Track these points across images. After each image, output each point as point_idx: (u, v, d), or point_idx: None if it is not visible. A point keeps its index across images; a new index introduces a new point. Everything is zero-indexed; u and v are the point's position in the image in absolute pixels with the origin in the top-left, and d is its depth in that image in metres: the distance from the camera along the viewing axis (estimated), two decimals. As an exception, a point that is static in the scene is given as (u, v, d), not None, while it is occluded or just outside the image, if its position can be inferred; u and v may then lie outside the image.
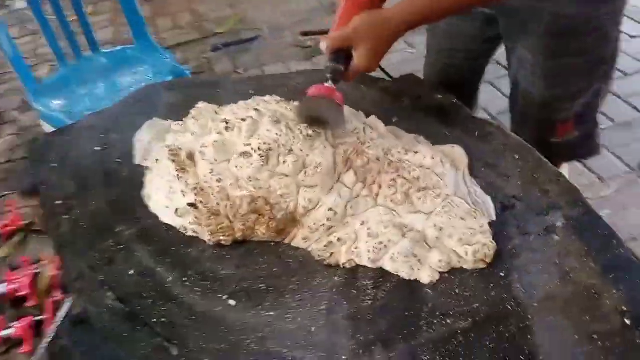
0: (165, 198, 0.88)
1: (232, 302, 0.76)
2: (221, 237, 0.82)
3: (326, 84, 0.89)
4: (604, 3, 1.05)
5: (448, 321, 0.71)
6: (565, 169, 1.36)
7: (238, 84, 1.20)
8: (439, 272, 0.76)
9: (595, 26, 1.08)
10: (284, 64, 2.79)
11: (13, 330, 1.46)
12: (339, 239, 0.79)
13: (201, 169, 0.85)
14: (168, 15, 3.49)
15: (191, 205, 0.83)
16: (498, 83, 2.26)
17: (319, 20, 3.18)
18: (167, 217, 0.88)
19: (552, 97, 1.18)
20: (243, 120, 0.86)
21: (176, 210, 0.85)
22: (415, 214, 0.81)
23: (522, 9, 1.07)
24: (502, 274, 0.76)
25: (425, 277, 0.75)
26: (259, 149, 0.83)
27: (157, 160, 0.92)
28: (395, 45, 0.92)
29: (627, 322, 0.68)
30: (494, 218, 0.83)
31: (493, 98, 2.18)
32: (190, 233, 0.85)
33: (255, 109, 0.88)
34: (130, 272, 0.80)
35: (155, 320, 0.74)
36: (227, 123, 0.86)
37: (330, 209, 0.81)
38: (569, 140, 1.25)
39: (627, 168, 1.88)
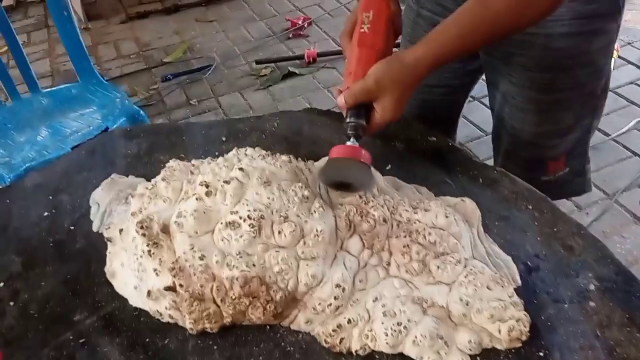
0: (134, 277, 0.74)
1: (227, 410, 0.62)
2: (207, 325, 0.68)
3: (348, 143, 0.79)
4: (596, 37, 1.00)
5: (490, 419, 0.60)
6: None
7: (206, 128, 1.07)
8: (469, 356, 0.65)
9: (587, 60, 1.03)
10: (240, 94, 2.66)
11: None
12: (349, 321, 0.67)
13: (179, 243, 0.71)
14: (109, 43, 3.30)
15: (168, 289, 0.69)
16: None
17: (271, 47, 3.08)
18: (136, 299, 0.74)
19: (541, 134, 1.12)
20: (227, 182, 0.73)
21: (148, 292, 0.71)
22: (434, 286, 0.70)
23: (509, 42, 1.01)
24: (541, 354, 0.65)
25: (456, 363, 0.64)
26: (248, 217, 0.69)
27: (121, 230, 0.78)
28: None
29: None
30: (520, 283, 0.73)
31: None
32: (166, 319, 0.71)
33: (240, 168, 0.75)
34: (96, 376, 0.66)
35: None
36: (207, 187, 0.73)
37: (338, 285, 0.68)
38: (559, 177, 1.19)
39: (602, 194, 1.85)
